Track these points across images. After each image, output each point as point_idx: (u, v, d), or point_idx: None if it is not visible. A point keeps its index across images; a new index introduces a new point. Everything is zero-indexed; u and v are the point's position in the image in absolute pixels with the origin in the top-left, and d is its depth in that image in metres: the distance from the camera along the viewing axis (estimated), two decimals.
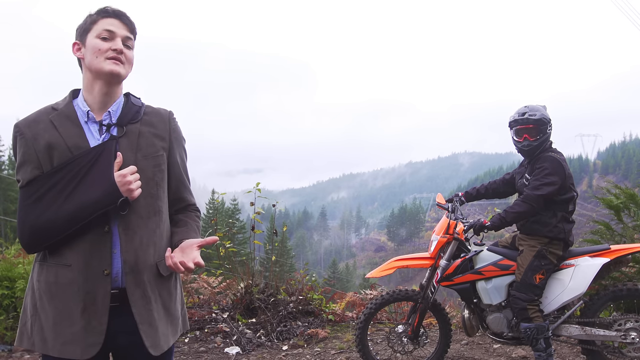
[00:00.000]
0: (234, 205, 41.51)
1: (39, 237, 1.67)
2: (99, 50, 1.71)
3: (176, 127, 1.89)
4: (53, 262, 1.69)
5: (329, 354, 4.53)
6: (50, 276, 1.68)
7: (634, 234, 4.47)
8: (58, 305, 1.67)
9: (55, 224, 1.65)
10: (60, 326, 1.67)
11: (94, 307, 1.67)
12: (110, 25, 1.73)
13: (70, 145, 1.68)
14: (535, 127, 3.60)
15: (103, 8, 1.75)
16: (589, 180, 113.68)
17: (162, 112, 1.89)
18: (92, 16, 1.75)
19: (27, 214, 1.68)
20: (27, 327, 1.73)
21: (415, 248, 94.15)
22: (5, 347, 4.45)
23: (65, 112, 1.73)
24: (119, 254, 1.70)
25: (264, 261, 6.99)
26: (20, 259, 4.87)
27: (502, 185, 4.04)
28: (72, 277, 1.66)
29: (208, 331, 4.97)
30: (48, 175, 1.67)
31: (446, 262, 3.75)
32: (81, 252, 1.67)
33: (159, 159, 1.80)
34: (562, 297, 3.59)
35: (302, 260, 67.84)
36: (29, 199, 1.68)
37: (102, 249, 1.68)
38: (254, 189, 5.42)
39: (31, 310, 1.73)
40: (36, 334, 1.70)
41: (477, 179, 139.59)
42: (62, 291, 1.67)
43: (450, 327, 4.01)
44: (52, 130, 1.69)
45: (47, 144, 1.67)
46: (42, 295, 1.69)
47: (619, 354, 3.59)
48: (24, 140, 1.69)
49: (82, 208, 1.65)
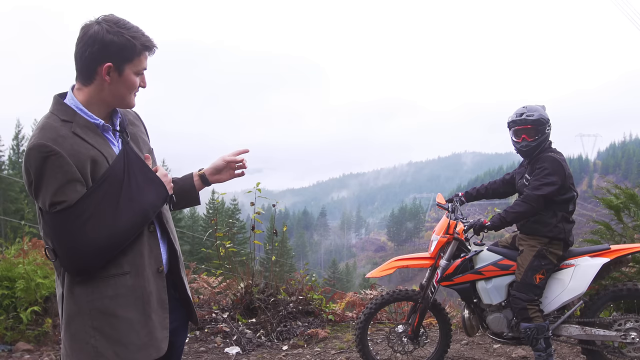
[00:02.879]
0: (234, 205, 41.52)
1: (103, 255, 1.61)
2: (134, 86, 1.71)
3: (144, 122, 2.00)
4: (107, 275, 1.65)
5: (329, 354, 4.53)
6: (108, 290, 1.65)
7: (634, 234, 4.47)
8: (123, 315, 1.66)
9: (119, 237, 1.62)
10: (130, 335, 1.67)
11: (156, 305, 1.74)
12: (146, 62, 1.71)
13: (107, 155, 1.67)
14: (534, 128, 3.59)
15: (149, 43, 1.70)
16: (589, 180, 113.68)
17: (130, 110, 1.93)
18: (138, 48, 1.67)
19: (86, 233, 1.57)
20: (87, 351, 1.65)
21: (415, 248, 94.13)
22: (5, 347, 4.44)
23: (82, 123, 1.66)
24: (163, 248, 1.81)
25: (264, 261, 6.99)
26: (20, 259, 4.86)
27: (502, 186, 4.04)
28: (132, 283, 1.68)
29: (208, 331, 4.97)
30: (94, 189, 1.61)
31: (446, 262, 3.75)
32: (137, 257, 1.70)
33: (152, 153, 1.91)
34: (562, 297, 3.59)
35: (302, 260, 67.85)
36: (81, 218, 1.57)
37: (154, 248, 1.76)
38: (254, 189, 5.42)
39: (87, 333, 1.65)
40: (103, 353, 1.65)
41: (477, 179, 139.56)
42: (124, 300, 1.67)
43: (450, 327, 4.01)
44: (85, 144, 1.63)
45: (89, 158, 1.61)
46: (102, 312, 1.65)
47: (619, 354, 3.59)
48: (60, 159, 1.55)
49: (143, 214, 1.67)
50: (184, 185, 2.01)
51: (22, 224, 6.37)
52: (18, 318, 4.57)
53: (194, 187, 2.02)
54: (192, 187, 2.02)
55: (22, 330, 4.57)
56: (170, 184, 1.79)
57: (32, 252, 5.07)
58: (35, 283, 4.59)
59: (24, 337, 4.56)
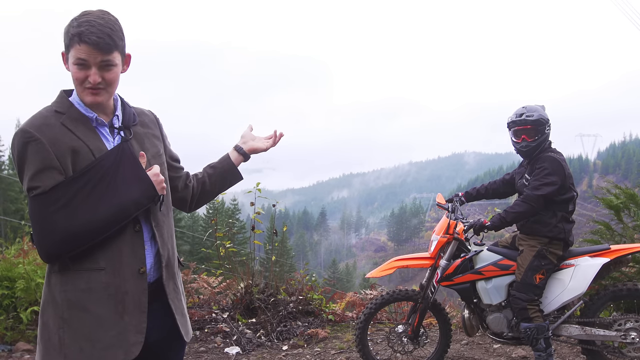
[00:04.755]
0: (234, 205, 41.50)
1: (73, 242, 1.61)
2: (77, 79, 1.66)
3: (162, 126, 1.98)
4: (81, 268, 1.65)
5: (329, 354, 4.53)
6: (81, 283, 1.65)
7: (634, 234, 4.47)
8: (93, 311, 1.65)
9: (93, 226, 1.62)
10: (98, 332, 1.65)
11: (132, 306, 1.69)
12: (83, 53, 1.61)
13: (93, 148, 1.67)
14: (533, 128, 3.59)
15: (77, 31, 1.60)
16: (589, 180, 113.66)
17: (147, 112, 1.94)
18: (69, 35, 1.62)
19: (57, 220, 1.59)
20: (54, 341, 1.65)
21: (415, 248, 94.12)
22: (5, 347, 4.44)
23: (74, 116, 1.68)
24: (149, 250, 1.76)
25: (264, 261, 6.99)
26: (20, 259, 4.86)
27: (502, 186, 4.04)
28: (107, 280, 1.66)
29: (208, 331, 4.97)
30: (73, 179, 1.62)
31: (446, 262, 3.75)
32: (116, 254, 1.67)
33: (162, 157, 1.88)
34: (562, 297, 3.59)
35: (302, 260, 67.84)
36: (54, 205, 1.59)
37: (136, 248, 1.72)
38: (254, 189, 5.42)
39: (56, 323, 1.66)
40: (69, 345, 1.64)
41: (477, 179, 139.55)
42: (96, 296, 1.65)
43: (450, 327, 4.01)
44: (70, 135, 1.65)
45: (70, 148, 1.63)
46: (73, 305, 1.65)
47: (619, 354, 3.59)
48: (40, 145, 1.59)
49: (122, 209, 1.65)
50: (224, 166, 2.08)
51: (22, 224, 6.37)
52: (18, 318, 4.57)
53: (233, 165, 2.09)
54: (232, 165, 2.09)
55: (22, 330, 4.58)
56: (161, 184, 1.73)
57: (32, 252, 5.07)
58: (35, 283, 4.60)
59: (24, 337, 4.56)
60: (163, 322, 1.81)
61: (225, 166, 2.08)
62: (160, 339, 1.81)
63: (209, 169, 2.09)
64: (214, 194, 2.11)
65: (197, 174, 2.06)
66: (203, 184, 2.04)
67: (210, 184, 2.06)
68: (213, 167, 2.08)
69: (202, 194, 2.05)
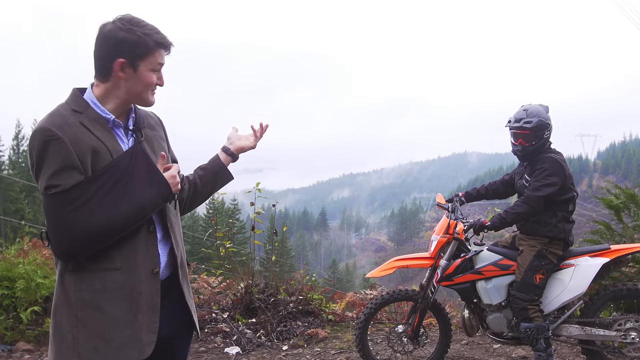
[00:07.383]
0: (234, 205, 41.50)
1: (93, 241, 1.62)
2: (151, 84, 1.74)
3: (165, 128, 2.02)
4: (97, 268, 1.67)
5: (329, 354, 4.53)
6: (96, 283, 1.66)
7: (634, 234, 4.47)
8: (108, 310, 1.66)
9: (113, 225, 1.63)
10: (112, 331, 1.67)
11: (146, 306, 1.72)
12: (163, 58, 1.75)
13: (111, 149, 1.70)
14: (532, 133, 3.57)
15: (163, 40, 1.73)
16: (589, 180, 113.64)
17: (152, 114, 1.98)
18: (150, 45, 1.70)
19: (76, 219, 1.60)
20: (67, 340, 1.67)
21: (415, 248, 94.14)
22: (5, 347, 4.44)
23: (92, 116, 1.70)
24: (162, 251, 1.80)
25: (264, 261, 6.98)
26: (20, 259, 4.86)
27: (501, 186, 4.03)
28: (122, 280, 1.68)
29: (208, 331, 4.97)
30: (93, 179, 1.64)
31: (446, 262, 3.75)
32: (132, 254, 1.70)
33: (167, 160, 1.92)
34: (562, 297, 3.59)
35: (302, 260, 67.84)
36: (73, 204, 1.60)
37: (150, 248, 1.75)
38: (254, 188, 5.42)
39: (70, 322, 1.67)
40: (83, 344, 1.66)
41: (478, 179, 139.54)
42: (111, 296, 1.67)
43: (450, 327, 4.01)
44: (89, 135, 1.66)
45: (90, 148, 1.64)
46: (87, 304, 1.66)
47: (619, 354, 3.59)
48: (62, 144, 1.59)
49: (139, 208, 1.68)
50: (214, 167, 2.09)
51: (22, 224, 6.37)
52: (18, 318, 4.57)
53: (223, 165, 2.10)
54: (222, 165, 2.10)
55: (22, 330, 4.58)
56: (177, 186, 1.79)
57: (32, 252, 5.07)
58: (35, 283, 4.60)
59: (24, 337, 4.56)
60: (173, 319, 1.85)
61: (215, 167, 2.09)
62: (167, 338, 1.84)
63: (200, 170, 2.10)
64: (206, 195, 2.12)
65: (188, 176, 2.07)
66: (195, 185, 2.06)
67: (202, 185, 2.07)
68: (203, 169, 2.09)
69: (194, 195, 2.06)
